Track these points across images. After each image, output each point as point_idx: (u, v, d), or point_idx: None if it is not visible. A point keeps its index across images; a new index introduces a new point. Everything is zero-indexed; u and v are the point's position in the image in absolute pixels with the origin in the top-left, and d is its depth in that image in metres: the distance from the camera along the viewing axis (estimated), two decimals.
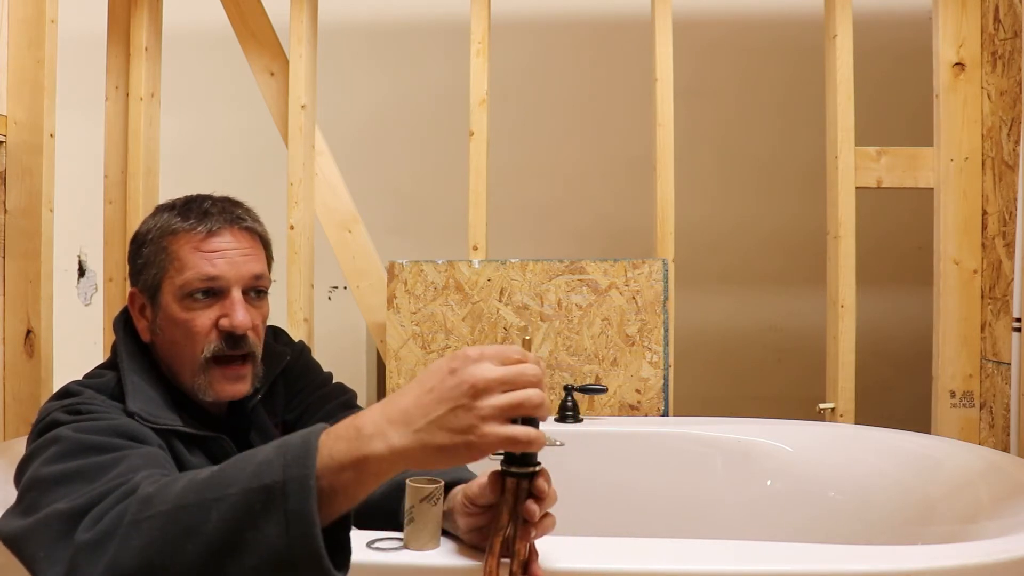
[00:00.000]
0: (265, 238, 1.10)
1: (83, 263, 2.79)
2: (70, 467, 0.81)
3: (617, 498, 1.57)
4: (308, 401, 1.16)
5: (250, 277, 1.04)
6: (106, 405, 0.95)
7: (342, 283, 2.69)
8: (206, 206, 1.05)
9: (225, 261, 1.02)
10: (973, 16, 1.75)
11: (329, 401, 1.15)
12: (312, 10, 1.95)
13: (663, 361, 1.74)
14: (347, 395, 1.18)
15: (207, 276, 1.01)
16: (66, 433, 0.86)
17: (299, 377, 1.19)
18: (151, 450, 0.87)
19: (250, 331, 1.03)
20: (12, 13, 1.56)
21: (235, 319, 1.00)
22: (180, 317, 1.01)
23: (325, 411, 1.13)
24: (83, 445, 0.84)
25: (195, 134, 2.66)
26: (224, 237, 1.03)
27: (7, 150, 1.57)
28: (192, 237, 1.02)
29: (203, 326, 1.01)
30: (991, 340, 1.70)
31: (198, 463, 1.01)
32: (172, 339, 1.03)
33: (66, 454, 0.83)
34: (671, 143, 1.82)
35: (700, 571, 0.84)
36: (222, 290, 1.02)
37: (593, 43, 2.63)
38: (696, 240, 2.39)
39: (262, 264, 1.07)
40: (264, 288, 1.07)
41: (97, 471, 0.80)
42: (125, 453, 0.83)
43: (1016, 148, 1.60)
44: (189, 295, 1.01)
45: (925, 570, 0.83)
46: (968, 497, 1.25)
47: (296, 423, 1.15)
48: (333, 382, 1.21)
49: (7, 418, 1.56)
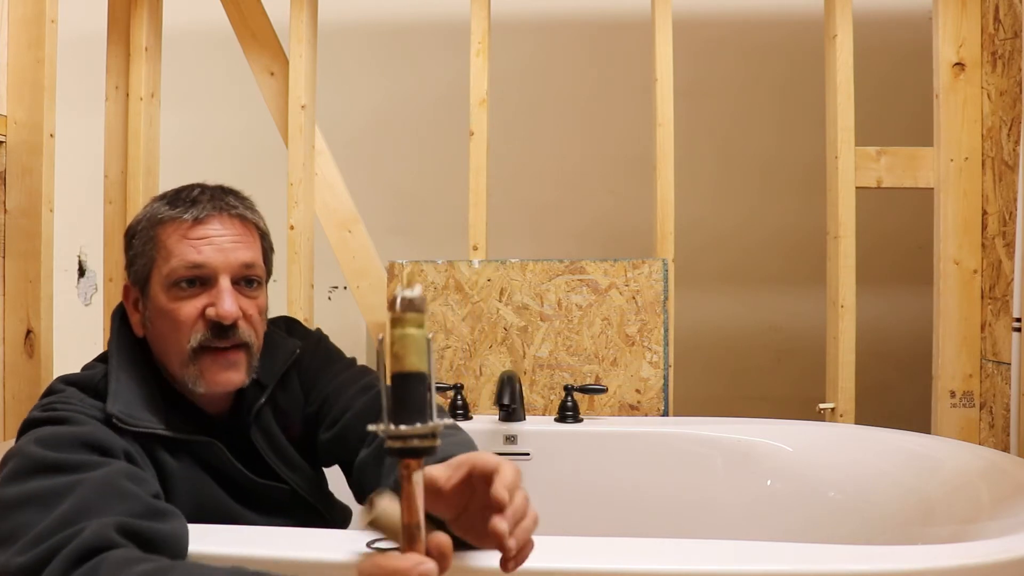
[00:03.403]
0: (261, 227, 1.06)
1: (83, 263, 2.79)
2: (26, 489, 0.80)
3: (617, 498, 1.57)
4: (327, 390, 1.11)
5: (239, 265, 1.00)
6: (84, 405, 0.93)
7: (342, 283, 2.68)
8: (195, 194, 1.02)
9: (212, 248, 0.98)
10: (973, 16, 1.75)
11: (349, 387, 1.09)
12: (312, 10, 1.95)
13: (663, 361, 1.74)
14: (367, 378, 1.12)
15: (192, 263, 0.97)
16: (28, 448, 0.84)
17: (318, 368, 1.13)
18: (108, 475, 0.83)
19: (241, 321, 0.99)
20: (12, 13, 1.56)
21: (221, 308, 0.97)
22: (167, 307, 0.98)
23: (345, 399, 1.08)
24: (42, 464, 0.82)
25: (195, 134, 2.66)
26: (212, 225, 0.99)
27: (7, 150, 1.57)
28: (180, 225, 0.99)
29: (189, 315, 0.97)
30: (991, 340, 1.70)
31: (183, 469, 0.99)
32: (161, 331, 0.99)
33: (22, 472, 0.82)
34: (671, 143, 1.82)
35: (700, 571, 0.84)
36: (209, 278, 0.98)
37: (593, 43, 2.62)
38: (696, 240, 2.39)
39: (253, 252, 1.02)
40: (256, 277, 1.02)
41: (52, 497, 0.79)
42: (81, 478, 0.81)
43: (1016, 148, 1.60)
44: (175, 284, 0.98)
45: (925, 570, 0.83)
46: (968, 497, 1.25)
47: (317, 415, 1.10)
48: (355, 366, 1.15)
49: (7, 418, 1.56)
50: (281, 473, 1.07)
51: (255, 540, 0.90)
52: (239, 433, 1.06)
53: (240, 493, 1.04)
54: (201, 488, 1.01)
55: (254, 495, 1.04)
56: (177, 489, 0.98)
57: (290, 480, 1.08)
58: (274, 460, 1.07)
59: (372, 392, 1.08)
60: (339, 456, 1.08)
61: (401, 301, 0.58)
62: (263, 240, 1.07)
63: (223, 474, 1.02)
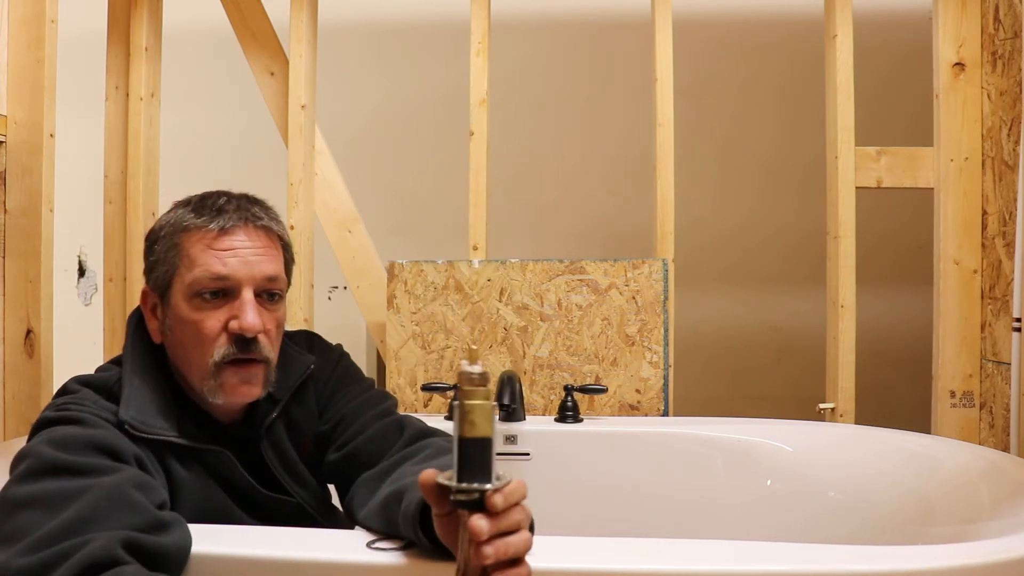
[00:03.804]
0: (284, 239, 1.05)
1: (83, 263, 2.79)
2: (35, 490, 0.80)
3: (617, 498, 1.57)
4: (343, 412, 1.10)
5: (263, 278, 0.99)
6: (97, 407, 0.93)
7: (342, 283, 2.68)
8: (221, 203, 1.01)
9: (237, 260, 0.97)
10: (973, 16, 1.75)
11: (364, 412, 1.09)
12: (312, 10, 1.95)
13: (663, 361, 1.74)
14: (385, 404, 1.11)
15: (217, 275, 0.96)
16: (39, 448, 0.84)
17: (335, 386, 1.12)
18: (116, 483, 0.83)
19: (262, 335, 0.98)
20: (12, 13, 1.56)
21: (244, 321, 0.96)
22: (189, 317, 0.97)
23: (360, 423, 1.07)
24: (52, 465, 0.82)
25: (195, 134, 2.66)
26: (237, 235, 0.98)
27: (7, 150, 1.57)
28: (204, 234, 0.98)
29: (212, 328, 0.97)
30: (991, 340, 1.70)
31: (192, 476, 0.98)
32: (181, 340, 0.99)
33: (33, 472, 0.82)
34: (671, 143, 1.82)
35: (700, 571, 0.84)
36: (232, 290, 0.97)
37: (593, 43, 2.62)
38: (696, 240, 2.39)
39: (277, 265, 1.01)
40: (278, 291, 1.02)
41: (60, 500, 0.79)
42: (91, 483, 0.81)
43: (1016, 148, 1.60)
44: (198, 294, 0.97)
45: (925, 570, 0.83)
46: (968, 497, 1.25)
47: (331, 434, 1.09)
48: (373, 389, 1.14)
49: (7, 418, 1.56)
50: (288, 487, 1.07)
51: (259, 541, 0.90)
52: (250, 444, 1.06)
53: (247, 504, 1.03)
54: (209, 496, 1.00)
55: (261, 507, 1.04)
56: (185, 496, 0.98)
57: (296, 494, 1.07)
58: (282, 474, 1.07)
59: (387, 421, 1.07)
60: (343, 475, 1.08)
61: (479, 376, 0.68)
62: (285, 252, 1.06)
63: (232, 484, 1.02)
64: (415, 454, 1.00)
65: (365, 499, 0.98)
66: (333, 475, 1.10)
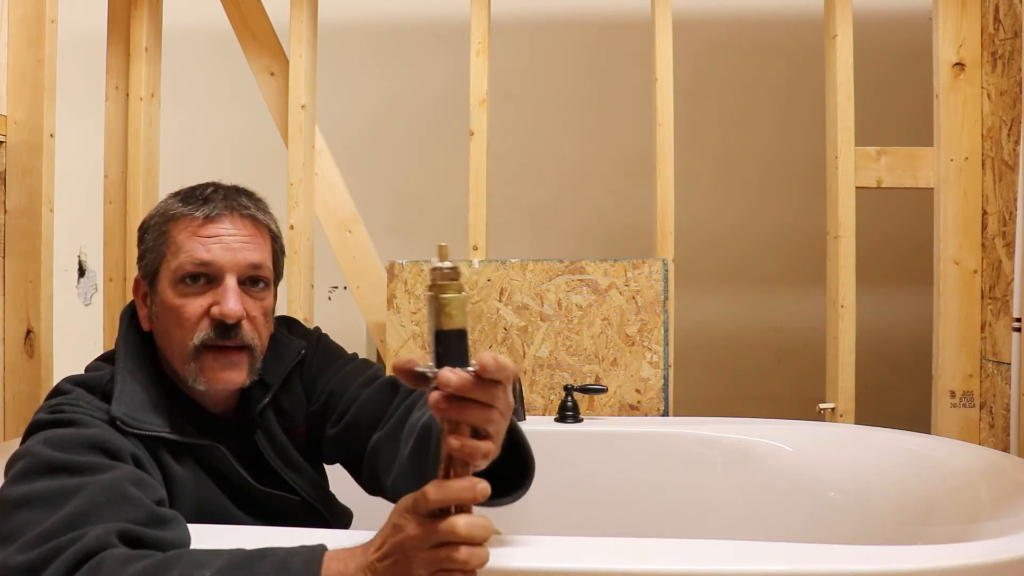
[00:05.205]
0: (272, 229, 1.06)
1: (83, 263, 2.79)
2: (33, 489, 0.81)
3: (617, 498, 1.57)
4: (331, 387, 1.10)
5: (246, 265, 1.00)
6: (91, 407, 0.93)
7: (342, 283, 2.68)
8: (209, 192, 1.02)
9: (221, 247, 0.98)
10: (973, 16, 1.75)
11: (352, 382, 1.09)
12: (312, 10, 1.95)
13: (663, 361, 1.74)
14: (371, 370, 1.12)
15: (200, 261, 0.97)
16: (36, 448, 0.85)
17: (319, 366, 1.13)
18: (114, 479, 0.83)
19: (245, 322, 0.99)
20: (12, 13, 1.56)
21: (225, 307, 0.97)
22: (172, 303, 0.98)
23: (351, 392, 1.08)
24: (50, 464, 0.83)
25: (195, 134, 2.66)
26: (222, 223, 1.00)
27: (7, 150, 1.57)
28: (191, 222, 0.99)
29: (194, 312, 0.97)
30: (991, 340, 1.70)
31: (186, 472, 0.99)
32: (165, 326, 1.00)
33: (30, 472, 0.83)
34: (671, 143, 1.82)
35: (700, 571, 0.84)
36: (216, 276, 0.98)
37: (593, 43, 2.62)
38: (696, 240, 2.39)
39: (262, 254, 1.02)
40: (264, 278, 1.02)
41: (58, 498, 0.79)
42: (87, 480, 0.82)
43: (1016, 148, 1.60)
44: (182, 280, 0.98)
45: (925, 570, 0.83)
46: (968, 497, 1.25)
47: (323, 411, 1.10)
48: (356, 359, 1.15)
49: (7, 418, 1.56)
50: (284, 475, 1.07)
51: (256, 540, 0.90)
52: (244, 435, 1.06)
53: (242, 499, 1.04)
54: (204, 492, 1.01)
55: (255, 501, 1.04)
56: (180, 493, 0.98)
57: (293, 482, 1.07)
58: (277, 463, 1.07)
59: (378, 383, 1.07)
60: (348, 447, 1.07)
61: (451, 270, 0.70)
62: (274, 242, 1.06)
63: (225, 478, 1.02)
64: (417, 400, 1.00)
65: (390, 461, 0.97)
66: (337, 451, 1.10)
